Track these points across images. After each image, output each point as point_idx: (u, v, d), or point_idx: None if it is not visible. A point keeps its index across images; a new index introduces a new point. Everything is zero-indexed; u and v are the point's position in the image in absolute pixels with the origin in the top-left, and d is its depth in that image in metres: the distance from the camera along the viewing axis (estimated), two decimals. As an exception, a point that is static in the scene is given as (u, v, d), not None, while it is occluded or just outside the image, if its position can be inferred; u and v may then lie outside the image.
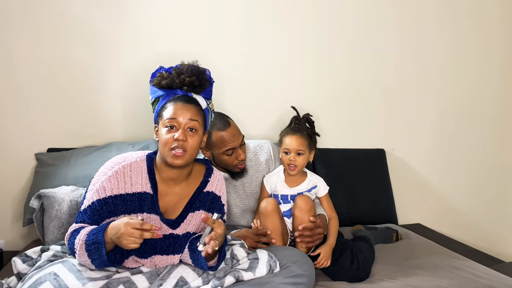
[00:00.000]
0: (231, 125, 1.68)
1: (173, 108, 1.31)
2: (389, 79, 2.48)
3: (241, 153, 1.70)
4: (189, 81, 1.36)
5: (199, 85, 1.39)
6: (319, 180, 1.76)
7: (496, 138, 2.67)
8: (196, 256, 1.34)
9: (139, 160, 1.36)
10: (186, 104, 1.33)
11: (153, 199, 1.34)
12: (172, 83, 1.37)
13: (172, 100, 1.35)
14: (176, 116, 1.30)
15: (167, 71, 1.40)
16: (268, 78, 2.30)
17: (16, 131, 2.08)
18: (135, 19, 2.14)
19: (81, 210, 1.30)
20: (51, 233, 1.69)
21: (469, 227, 2.61)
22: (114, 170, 1.32)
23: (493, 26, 2.58)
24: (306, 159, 1.70)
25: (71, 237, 1.25)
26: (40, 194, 1.70)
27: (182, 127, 1.30)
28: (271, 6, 2.29)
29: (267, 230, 1.58)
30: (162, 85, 1.37)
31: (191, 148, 1.30)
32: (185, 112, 1.31)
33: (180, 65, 1.42)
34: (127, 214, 1.31)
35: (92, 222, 1.27)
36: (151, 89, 1.41)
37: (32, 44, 2.05)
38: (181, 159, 1.29)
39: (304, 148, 1.67)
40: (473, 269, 1.62)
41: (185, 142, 1.29)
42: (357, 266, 1.55)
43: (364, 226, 2.07)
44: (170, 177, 1.36)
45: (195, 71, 1.39)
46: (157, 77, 1.40)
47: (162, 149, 1.31)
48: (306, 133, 1.70)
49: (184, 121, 1.30)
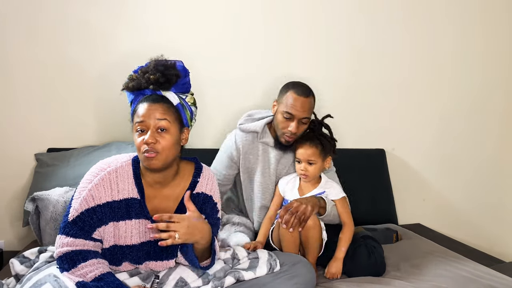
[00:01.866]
0: (307, 99, 1.69)
1: (140, 111, 1.26)
2: (390, 79, 2.47)
3: (294, 126, 1.68)
4: (154, 78, 1.29)
5: (166, 81, 1.31)
6: (332, 186, 1.72)
7: (496, 138, 2.67)
8: (189, 257, 1.33)
9: (125, 165, 1.31)
10: (153, 104, 1.26)
11: (141, 204, 1.30)
12: (140, 84, 1.30)
13: (139, 102, 1.28)
14: (144, 118, 1.24)
15: (135, 72, 1.34)
16: (273, 77, 2.29)
17: (16, 131, 2.07)
18: (134, 19, 2.14)
19: (70, 221, 1.24)
20: (48, 235, 1.68)
21: (469, 227, 2.61)
22: (100, 177, 1.27)
23: (497, 26, 2.58)
24: (319, 168, 1.67)
25: (68, 261, 1.20)
26: (34, 197, 1.69)
27: (151, 128, 1.24)
28: (277, 5, 2.28)
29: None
30: (129, 87, 1.31)
31: (163, 149, 1.24)
32: (152, 112, 1.24)
33: (148, 62, 1.34)
34: (115, 222, 1.28)
35: (83, 234, 1.23)
36: (126, 93, 1.36)
37: (32, 44, 2.05)
38: (155, 160, 1.23)
39: (315, 158, 1.64)
40: (473, 269, 1.62)
41: (155, 144, 1.23)
42: (375, 261, 1.56)
43: (364, 227, 2.07)
44: (155, 180, 1.32)
45: (160, 66, 1.31)
46: (126, 81, 1.34)
47: (138, 154, 1.27)
48: (318, 141, 1.66)
49: (153, 122, 1.24)
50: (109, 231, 1.28)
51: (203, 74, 2.07)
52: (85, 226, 1.24)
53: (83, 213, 1.24)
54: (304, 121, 1.71)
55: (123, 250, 1.30)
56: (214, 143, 2.18)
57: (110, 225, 1.28)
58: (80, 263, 1.19)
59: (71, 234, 1.23)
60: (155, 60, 1.34)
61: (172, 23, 2.18)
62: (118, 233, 1.29)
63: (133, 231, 1.30)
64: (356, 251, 1.58)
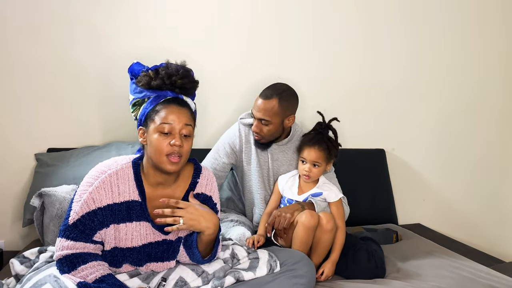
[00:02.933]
0: (266, 101, 1.72)
1: (168, 112, 1.26)
2: (389, 79, 2.48)
3: (254, 125, 1.76)
4: (181, 83, 1.31)
5: (191, 88, 1.34)
6: (329, 188, 1.75)
7: (496, 138, 2.67)
8: (191, 251, 1.33)
9: (125, 167, 1.31)
10: (182, 108, 1.28)
11: (142, 207, 1.30)
12: (162, 85, 1.30)
13: (164, 103, 1.28)
14: (172, 121, 1.25)
15: (151, 70, 1.34)
16: (268, 77, 2.30)
17: (16, 131, 2.07)
18: (136, 19, 2.14)
19: (70, 224, 1.23)
20: (51, 232, 1.68)
21: (469, 227, 2.61)
22: (100, 180, 1.26)
23: (494, 27, 2.58)
24: (322, 170, 1.72)
25: (68, 263, 1.20)
26: (41, 193, 1.69)
27: (178, 132, 1.25)
28: (277, 5, 2.28)
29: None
30: (152, 86, 1.30)
31: (186, 153, 1.27)
32: (181, 116, 1.26)
33: (166, 64, 1.35)
34: (116, 224, 1.28)
35: (83, 237, 1.23)
36: (135, 88, 1.34)
37: (32, 43, 2.05)
38: (177, 165, 1.26)
39: (321, 161, 1.69)
40: (473, 269, 1.62)
41: (181, 148, 1.25)
42: (375, 265, 1.56)
43: (363, 228, 2.07)
44: (158, 181, 1.32)
45: (185, 72, 1.33)
46: (143, 77, 1.32)
47: (155, 155, 1.25)
48: (326, 145, 1.69)
49: (179, 126, 1.25)
50: (110, 234, 1.28)
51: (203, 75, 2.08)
52: (86, 229, 1.24)
53: (84, 216, 1.24)
54: (263, 122, 1.75)
55: (123, 253, 1.30)
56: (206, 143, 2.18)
57: (111, 227, 1.27)
58: (80, 266, 1.19)
59: (72, 237, 1.22)
60: (176, 64, 1.35)
61: (173, 24, 2.18)
62: (119, 236, 1.29)
63: (134, 233, 1.30)
64: (357, 254, 1.58)
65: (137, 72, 1.36)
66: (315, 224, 1.55)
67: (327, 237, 1.57)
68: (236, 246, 1.50)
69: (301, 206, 1.66)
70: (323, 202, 1.72)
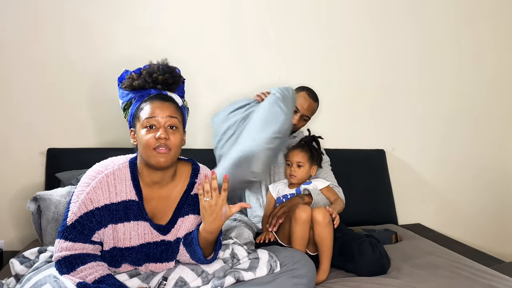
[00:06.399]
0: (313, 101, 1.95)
1: (151, 107, 1.26)
2: (389, 79, 2.48)
3: (298, 118, 1.94)
4: (163, 79, 1.32)
5: (173, 82, 1.35)
6: (317, 180, 1.85)
7: (496, 137, 2.68)
8: (192, 249, 1.33)
9: (122, 167, 1.31)
10: (164, 102, 1.28)
11: (139, 206, 1.30)
12: (145, 84, 1.32)
13: (147, 100, 1.30)
14: (155, 114, 1.24)
15: (134, 72, 1.37)
16: (268, 78, 2.30)
17: (16, 131, 2.07)
18: (133, 20, 2.14)
19: (68, 225, 1.23)
20: (49, 235, 1.68)
21: (469, 227, 2.62)
22: (97, 180, 1.26)
23: (497, 29, 2.59)
24: (306, 171, 1.82)
25: (67, 264, 1.20)
26: (36, 197, 1.69)
27: (163, 125, 1.25)
28: (275, 6, 2.29)
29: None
30: (134, 86, 1.33)
31: (174, 147, 1.25)
32: (164, 110, 1.26)
33: (149, 65, 1.38)
34: (113, 224, 1.28)
35: (82, 238, 1.23)
36: (121, 93, 1.37)
37: (31, 44, 2.05)
38: (165, 157, 1.23)
39: (304, 161, 1.80)
40: (473, 269, 1.62)
41: (167, 140, 1.23)
42: (380, 255, 1.58)
43: (362, 228, 2.07)
44: (153, 181, 1.31)
45: (167, 68, 1.35)
46: (127, 80, 1.35)
47: (144, 151, 1.25)
48: (308, 148, 1.83)
49: (164, 119, 1.25)
50: (108, 234, 1.28)
51: (198, 75, 2.10)
52: (84, 229, 1.24)
53: (82, 217, 1.24)
54: (304, 118, 1.98)
55: (122, 252, 1.30)
56: (206, 143, 2.19)
57: (109, 227, 1.27)
58: (79, 267, 1.19)
59: (70, 238, 1.22)
60: (158, 63, 1.37)
61: (170, 24, 2.18)
62: (117, 236, 1.28)
63: (132, 233, 1.30)
64: (361, 246, 1.60)
65: (125, 79, 1.39)
66: (308, 218, 1.57)
67: (328, 231, 1.58)
68: (236, 246, 1.49)
69: (301, 198, 1.76)
70: (316, 190, 1.79)
